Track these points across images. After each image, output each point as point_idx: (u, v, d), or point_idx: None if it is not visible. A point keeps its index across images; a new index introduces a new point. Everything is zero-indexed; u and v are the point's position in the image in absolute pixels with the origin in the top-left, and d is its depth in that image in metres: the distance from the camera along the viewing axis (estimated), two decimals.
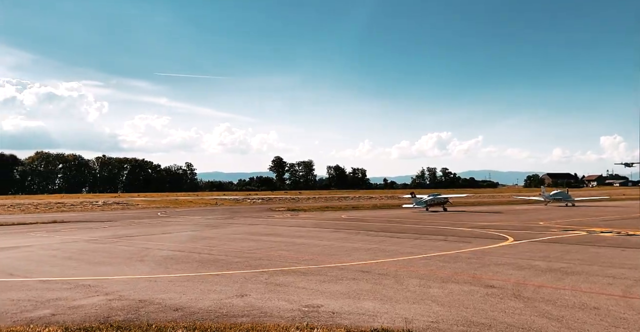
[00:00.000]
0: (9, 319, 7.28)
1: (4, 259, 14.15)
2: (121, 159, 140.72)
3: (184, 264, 12.95)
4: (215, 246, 16.94)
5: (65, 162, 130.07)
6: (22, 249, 16.62)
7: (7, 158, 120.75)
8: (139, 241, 18.79)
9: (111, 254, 15.04)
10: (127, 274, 11.42)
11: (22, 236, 21.49)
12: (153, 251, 15.59)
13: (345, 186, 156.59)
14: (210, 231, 23.85)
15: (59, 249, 16.48)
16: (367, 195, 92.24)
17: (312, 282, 10.16)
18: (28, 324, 6.91)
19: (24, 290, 9.51)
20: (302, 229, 24.17)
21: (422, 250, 15.41)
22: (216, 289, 9.50)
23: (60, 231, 24.05)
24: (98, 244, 17.94)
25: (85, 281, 10.40)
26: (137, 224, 29.22)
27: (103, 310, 7.81)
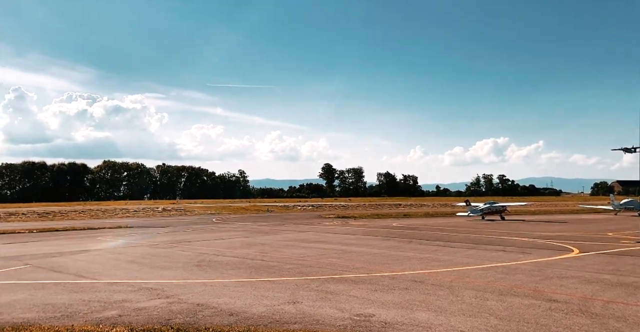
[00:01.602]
0: (81, 318, 7.83)
1: (76, 261, 15.25)
2: (179, 167, 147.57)
3: (238, 269, 13.31)
4: (267, 252, 17.28)
5: (129, 170, 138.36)
6: (91, 252, 17.82)
7: (79, 167, 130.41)
8: (196, 246, 19.56)
9: (170, 259, 15.76)
10: (185, 278, 11.92)
11: (91, 240, 23.06)
12: (209, 256, 16.17)
13: (396, 193, 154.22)
14: (262, 237, 24.36)
15: (124, 253, 17.52)
16: (418, 202, 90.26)
17: (364, 290, 10.08)
18: (98, 324, 7.40)
19: (93, 291, 10.19)
20: (352, 237, 24.07)
21: (478, 260, 14.83)
22: (269, 295, 9.68)
23: (125, 236, 25.56)
24: (158, 249, 18.88)
25: (147, 284, 10.98)
26: (193, 229, 30.44)
27: (164, 312, 8.21)
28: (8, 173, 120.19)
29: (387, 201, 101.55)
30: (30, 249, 19.09)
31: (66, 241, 22.50)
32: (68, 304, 8.90)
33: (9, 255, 16.87)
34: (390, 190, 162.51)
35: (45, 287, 10.63)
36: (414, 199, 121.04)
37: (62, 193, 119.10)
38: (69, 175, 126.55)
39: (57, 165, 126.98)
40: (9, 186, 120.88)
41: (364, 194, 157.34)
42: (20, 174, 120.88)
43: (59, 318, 7.80)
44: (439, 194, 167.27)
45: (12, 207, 64.64)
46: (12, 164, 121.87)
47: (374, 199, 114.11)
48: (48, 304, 8.85)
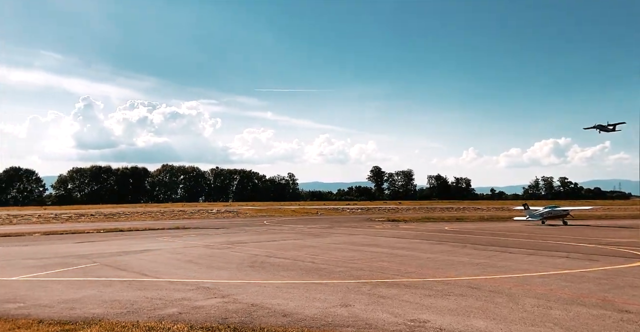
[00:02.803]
0: (144, 315, 8.27)
1: (138, 260, 16.13)
2: (231, 170, 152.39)
3: (290, 271, 13.49)
4: (317, 255, 17.37)
5: (186, 173, 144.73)
6: (152, 252, 18.78)
7: (140, 171, 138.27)
8: (249, 248, 20.05)
9: (225, 259, 16.27)
10: (240, 278, 12.24)
11: (152, 240, 24.30)
12: (261, 258, 16.52)
13: (448, 197, 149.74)
14: (313, 239, 24.54)
15: (182, 253, 18.30)
16: (472, 206, 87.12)
17: (417, 295, 9.87)
18: (160, 320, 7.78)
19: (155, 289, 10.72)
20: (403, 240, 23.65)
21: (539, 267, 14.05)
22: (320, 297, 9.72)
23: (182, 237, 26.72)
24: (214, 250, 19.55)
25: (204, 284, 11.40)
26: (246, 231, 31.25)
27: (221, 311, 8.48)
28: (78, 177, 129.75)
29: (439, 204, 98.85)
30: (98, 248, 20.44)
31: (130, 241, 23.88)
32: (133, 300, 9.42)
33: (80, 253, 18.16)
34: (442, 193, 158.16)
35: (112, 285, 11.32)
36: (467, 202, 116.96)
37: (125, 195, 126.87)
38: (131, 178, 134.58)
39: (121, 169, 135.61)
40: (79, 188, 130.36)
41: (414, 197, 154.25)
42: (88, 178, 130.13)
43: (124, 314, 8.28)
44: (494, 198, 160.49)
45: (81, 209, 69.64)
46: (81, 168, 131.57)
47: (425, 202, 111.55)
48: (115, 301, 9.42)
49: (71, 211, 63.64)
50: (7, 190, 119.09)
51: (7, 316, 7.99)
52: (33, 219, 46.39)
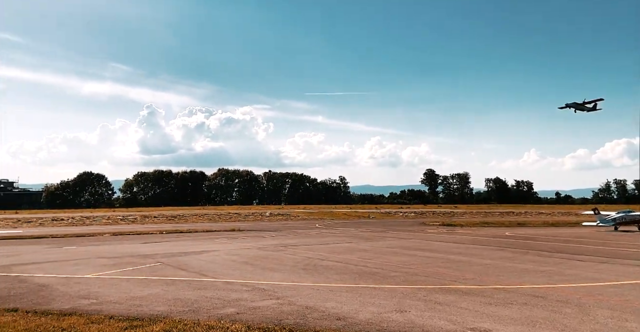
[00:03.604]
0: (204, 313, 8.59)
1: (198, 261, 16.80)
2: (284, 174, 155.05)
3: (343, 274, 13.46)
4: (370, 259, 17.21)
5: (240, 177, 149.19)
6: (210, 253, 19.49)
7: (198, 174, 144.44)
8: (302, 251, 20.26)
9: (279, 262, 16.54)
10: (294, 281, 12.39)
11: (210, 242, 25.24)
12: (314, 261, 16.64)
13: (508, 201, 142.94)
14: (365, 243, 24.36)
15: (238, 255, 18.84)
16: (534, 210, 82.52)
17: (476, 303, 9.47)
18: (219, 320, 8.04)
19: (214, 289, 11.11)
20: (460, 246, 22.84)
21: (611, 276, 13.02)
22: (374, 302, 9.61)
23: (238, 239, 27.52)
24: (268, 252, 19.95)
25: (260, 285, 11.65)
26: (298, 234, 31.62)
27: (276, 313, 8.62)
28: (142, 180, 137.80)
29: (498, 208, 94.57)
30: (161, 248, 21.55)
31: (189, 242, 24.96)
32: (193, 299, 9.83)
33: (145, 253, 19.23)
34: (501, 197, 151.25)
35: (174, 284, 11.87)
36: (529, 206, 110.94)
37: (184, 198, 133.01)
38: (190, 182, 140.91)
39: (180, 173, 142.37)
40: (143, 191, 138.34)
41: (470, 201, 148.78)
42: (151, 181, 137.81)
43: (186, 312, 8.65)
44: (559, 202, 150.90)
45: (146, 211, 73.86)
46: (145, 173, 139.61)
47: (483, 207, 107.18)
48: (177, 299, 9.87)
49: (136, 212, 67.67)
50: (81, 193, 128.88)
51: (82, 311, 8.62)
52: (103, 220, 49.84)
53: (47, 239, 27.14)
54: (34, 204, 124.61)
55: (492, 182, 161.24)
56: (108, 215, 60.35)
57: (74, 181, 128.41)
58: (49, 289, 10.97)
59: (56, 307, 8.91)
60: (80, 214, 61.87)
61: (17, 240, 27.02)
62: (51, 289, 10.98)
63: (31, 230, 36.04)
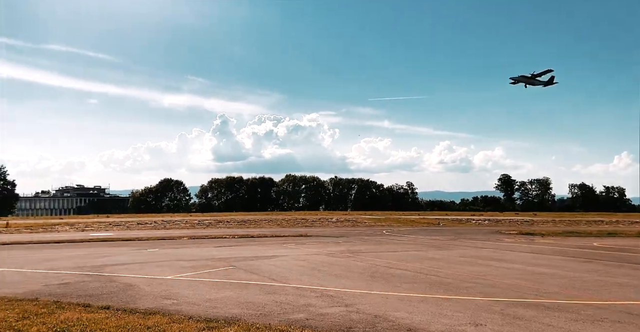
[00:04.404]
0: (275, 318, 8.80)
1: (268, 265, 17.29)
2: (349, 180, 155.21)
3: (412, 283, 13.12)
4: (441, 268, 16.60)
5: (307, 183, 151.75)
6: (279, 258, 19.97)
7: (267, 180, 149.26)
8: (369, 257, 20.07)
9: (347, 268, 16.52)
10: (362, 288, 12.30)
11: (278, 247, 25.87)
12: (382, 268, 16.40)
13: (595, 208, 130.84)
14: (435, 251, 23.56)
15: (306, 260, 19.11)
16: (628, 219, 74.81)
17: (561, 319, 8.75)
18: (289, 325, 8.19)
19: (284, 294, 11.35)
20: (541, 256, 21.29)
21: None
22: (447, 313, 9.24)
23: (306, 244, 27.93)
24: (336, 258, 20.02)
25: (328, 291, 11.71)
26: (365, 240, 31.38)
27: (345, 320, 8.60)
28: (216, 186, 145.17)
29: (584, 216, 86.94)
30: (233, 252, 22.48)
31: (259, 247, 25.79)
32: (264, 303, 10.11)
33: (219, 257, 20.17)
34: (588, 204, 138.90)
35: (246, 287, 12.31)
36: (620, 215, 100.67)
37: (254, 204, 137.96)
38: (259, 188, 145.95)
39: (250, 179, 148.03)
40: (217, 197, 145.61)
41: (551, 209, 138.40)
42: (224, 187, 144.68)
43: (258, 316, 8.92)
44: None
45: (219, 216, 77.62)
46: (218, 179, 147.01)
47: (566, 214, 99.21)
48: (249, 302, 10.22)
49: (211, 217, 71.34)
50: (162, 198, 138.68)
51: (165, 310, 9.22)
52: (181, 224, 53.15)
53: (133, 242, 29.47)
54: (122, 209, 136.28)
55: (577, 188, 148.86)
56: (186, 219, 64.26)
57: (156, 187, 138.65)
58: (135, 289, 11.88)
59: (142, 306, 9.62)
60: (162, 219, 66.50)
61: (108, 242, 29.65)
62: (137, 289, 11.88)
63: (120, 233, 39.37)
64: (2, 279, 13.65)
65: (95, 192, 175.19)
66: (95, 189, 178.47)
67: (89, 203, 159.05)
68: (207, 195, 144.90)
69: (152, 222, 56.78)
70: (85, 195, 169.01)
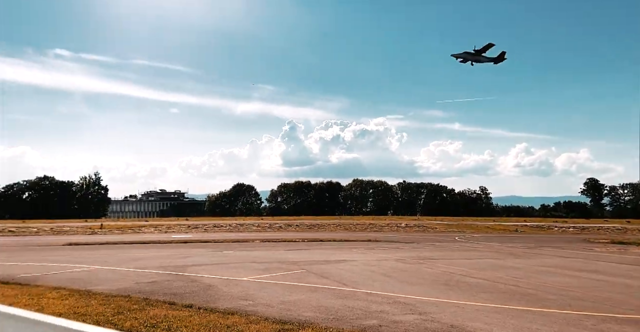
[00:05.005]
0: (347, 323, 8.83)
1: (338, 270, 17.39)
2: (418, 184, 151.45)
3: (489, 293, 12.49)
4: (521, 278, 15.62)
5: (374, 187, 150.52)
6: (349, 263, 19.99)
7: (334, 185, 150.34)
8: (441, 265, 19.43)
9: (418, 275, 16.14)
10: (435, 296, 11.94)
11: (347, 251, 25.91)
12: (456, 276, 15.79)
13: None
14: (514, 260, 22.22)
15: (376, 266, 18.95)
16: None
17: None
18: (362, 330, 8.19)
19: (355, 299, 11.36)
20: (637, 268, 19.24)
21: None
22: (530, 327, 8.68)
23: (375, 249, 27.69)
24: (406, 264, 19.63)
25: (399, 298, 11.52)
26: (437, 247, 30.41)
27: (420, 329, 8.42)
28: (285, 191, 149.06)
29: None
30: (303, 255, 22.91)
31: (329, 251, 26.02)
32: (336, 308, 10.19)
33: (290, 260, 20.67)
34: None
35: (318, 291, 12.49)
36: None
37: (322, 208, 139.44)
38: (327, 192, 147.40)
39: (318, 184, 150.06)
40: (286, 201, 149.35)
41: None
42: (293, 192, 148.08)
43: (330, 320, 9.01)
44: None
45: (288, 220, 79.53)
46: (287, 184, 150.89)
47: None
48: (321, 306, 10.35)
49: (281, 221, 73.32)
50: (235, 202, 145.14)
51: (242, 311, 9.64)
52: (253, 227, 55.19)
53: (210, 244, 31.16)
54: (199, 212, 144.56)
55: None
56: (257, 223, 66.62)
57: (229, 192, 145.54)
58: (214, 289, 12.56)
59: (221, 306, 10.14)
60: (235, 222, 69.56)
61: (188, 244, 31.62)
62: (216, 289, 12.54)
63: (198, 235, 41.82)
64: (99, 277, 15.11)
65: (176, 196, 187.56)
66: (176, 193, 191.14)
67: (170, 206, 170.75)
68: (277, 199, 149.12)
69: (226, 225, 59.62)
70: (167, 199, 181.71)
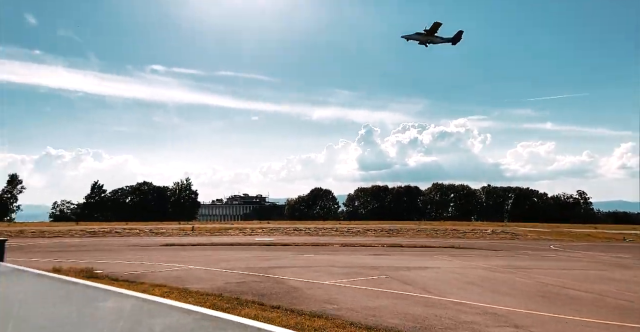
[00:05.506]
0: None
1: (421, 277, 16.86)
2: (505, 188, 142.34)
3: (596, 308, 11.27)
4: (635, 292, 13.91)
5: (456, 191, 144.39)
6: (432, 269, 19.30)
7: (412, 189, 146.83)
8: (536, 275, 17.97)
9: (510, 285, 15.08)
10: (531, 309, 11.05)
11: (429, 258, 25.04)
12: (554, 288, 14.50)
13: None
14: (623, 272, 19.88)
15: (461, 274, 18.06)
16: None
17: None
18: None
19: (442, 308, 10.90)
20: None
21: None
22: None
23: (458, 256, 26.45)
24: (495, 273, 18.46)
25: (491, 309, 10.84)
26: (529, 255, 28.25)
27: None
28: (361, 195, 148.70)
29: None
30: (383, 261, 22.58)
31: (410, 257, 25.36)
32: (423, 316, 9.86)
33: (370, 265, 20.48)
34: None
35: (402, 298, 12.19)
36: None
37: (400, 213, 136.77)
38: (405, 196, 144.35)
39: (395, 188, 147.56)
40: (363, 206, 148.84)
41: None
42: (370, 196, 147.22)
43: (419, 329, 8.73)
44: None
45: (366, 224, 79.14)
46: (364, 188, 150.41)
47: None
48: (407, 314, 10.08)
49: (358, 225, 73.17)
50: (313, 206, 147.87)
51: (327, 315, 9.71)
52: (332, 231, 55.71)
53: (291, 247, 31.99)
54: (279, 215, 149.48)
55: None
56: (335, 227, 67.15)
57: (307, 196, 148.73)
58: (299, 292, 12.82)
59: (306, 309, 10.31)
60: (314, 225, 70.78)
61: (270, 246, 32.77)
62: (301, 292, 12.80)
63: (279, 238, 43.19)
64: (194, 276, 16.20)
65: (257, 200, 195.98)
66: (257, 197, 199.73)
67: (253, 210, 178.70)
68: (354, 203, 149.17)
69: (305, 228, 60.89)
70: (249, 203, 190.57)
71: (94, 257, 23.26)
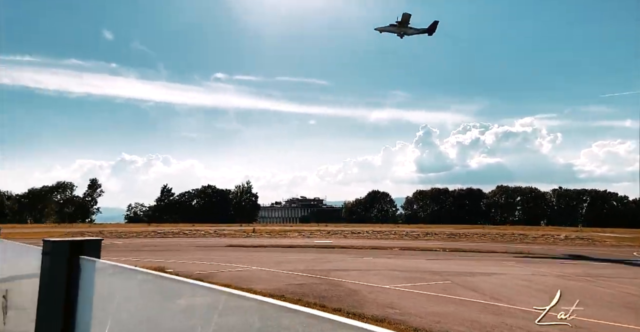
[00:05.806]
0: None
1: (486, 283, 16.13)
2: (579, 191, 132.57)
3: None
4: None
5: (523, 194, 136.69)
6: (498, 276, 18.40)
7: (475, 192, 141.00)
8: (618, 284, 16.55)
9: (588, 294, 14.00)
10: (613, 320, 10.21)
11: (495, 264, 23.89)
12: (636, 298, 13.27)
13: None
14: None
15: (531, 281, 17.06)
16: None
17: None
18: None
19: (511, 316, 10.37)
20: None
21: None
22: None
23: (528, 263, 24.99)
24: (569, 281, 17.25)
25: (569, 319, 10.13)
26: (609, 263, 26.06)
27: None
28: (420, 198, 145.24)
29: None
30: (446, 266, 21.88)
31: (474, 262, 24.36)
32: (492, 324, 9.44)
33: (432, 270, 19.93)
34: None
35: (467, 304, 11.75)
36: None
37: (462, 216, 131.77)
38: (467, 200, 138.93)
39: (456, 190, 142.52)
40: (422, 209, 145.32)
41: None
42: (429, 199, 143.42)
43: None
44: None
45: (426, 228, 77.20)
46: (423, 191, 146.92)
47: None
48: (475, 321, 9.70)
49: (418, 229, 71.53)
50: (370, 209, 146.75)
51: (390, 319, 9.60)
52: (390, 235, 54.92)
53: (349, 250, 31.96)
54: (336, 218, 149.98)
55: None
56: (394, 230, 66.14)
57: (365, 199, 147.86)
58: (359, 295, 12.78)
59: (368, 312, 10.25)
60: (372, 229, 70.21)
61: (329, 249, 32.96)
62: (361, 295, 12.75)
63: (338, 241, 43.31)
64: (257, 276, 16.70)
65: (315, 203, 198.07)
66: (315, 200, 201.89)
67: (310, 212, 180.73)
68: (413, 206, 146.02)
69: (363, 231, 60.56)
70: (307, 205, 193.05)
71: (165, 256, 24.72)
